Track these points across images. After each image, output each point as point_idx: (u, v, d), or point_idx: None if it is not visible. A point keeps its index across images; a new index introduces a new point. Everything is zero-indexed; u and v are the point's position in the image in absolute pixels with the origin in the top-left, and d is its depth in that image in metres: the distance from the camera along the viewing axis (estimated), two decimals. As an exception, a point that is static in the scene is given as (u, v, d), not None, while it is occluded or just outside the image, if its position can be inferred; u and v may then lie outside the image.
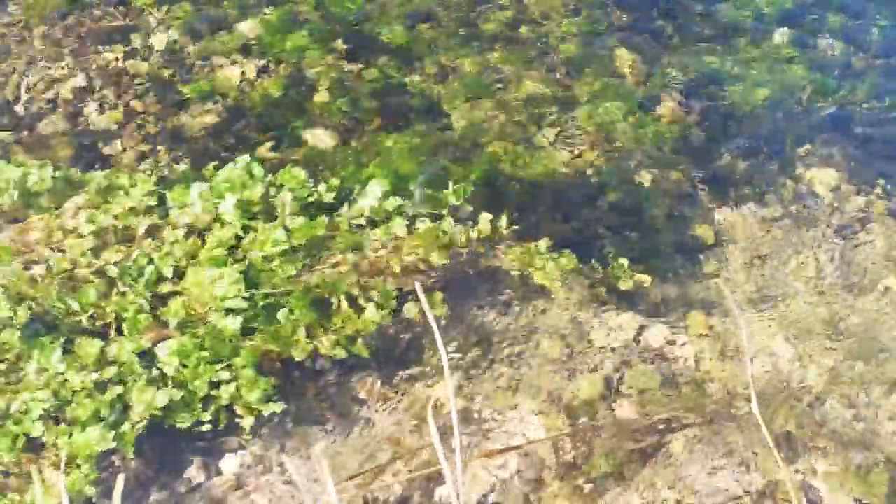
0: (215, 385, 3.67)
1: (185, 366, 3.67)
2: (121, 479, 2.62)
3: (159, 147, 4.70)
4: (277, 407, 3.69)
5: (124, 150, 4.68)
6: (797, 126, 5.19)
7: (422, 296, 2.76)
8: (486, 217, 4.32)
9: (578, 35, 5.49)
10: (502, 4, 5.62)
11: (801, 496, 3.68)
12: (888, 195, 4.85)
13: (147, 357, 3.70)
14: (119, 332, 3.78)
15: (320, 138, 4.79)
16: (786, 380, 4.08)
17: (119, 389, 3.59)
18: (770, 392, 4.03)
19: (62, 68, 5.02)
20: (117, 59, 5.09)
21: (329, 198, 4.28)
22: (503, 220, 4.32)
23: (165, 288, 3.89)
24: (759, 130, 5.15)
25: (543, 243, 4.29)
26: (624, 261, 4.37)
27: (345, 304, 3.92)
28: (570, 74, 5.28)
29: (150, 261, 3.92)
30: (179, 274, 3.93)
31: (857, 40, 5.70)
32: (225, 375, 3.68)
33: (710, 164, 4.95)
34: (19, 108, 4.83)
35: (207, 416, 3.64)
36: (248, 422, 3.67)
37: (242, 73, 5.07)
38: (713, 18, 5.73)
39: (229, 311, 3.79)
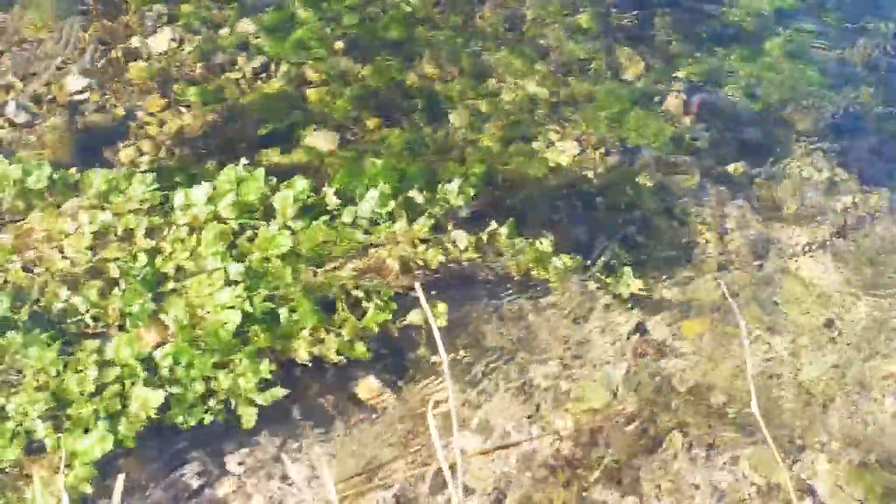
0: (214, 378, 3.67)
1: (183, 364, 3.66)
2: (121, 479, 2.61)
3: (159, 147, 4.69)
4: (279, 392, 3.68)
5: (124, 149, 4.68)
6: (800, 125, 5.19)
7: (421, 296, 2.75)
8: (487, 218, 4.32)
9: (579, 34, 5.49)
10: (502, 4, 5.61)
11: (800, 496, 3.68)
12: (890, 195, 4.85)
13: (147, 357, 3.70)
14: (120, 331, 3.78)
15: (320, 138, 4.78)
16: (786, 379, 4.08)
17: (119, 389, 3.59)
18: (770, 391, 4.03)
19: (62, 67, 5.02)
20: (117, 59, 5.09)
21: (330, 198, 4.27)
22: (504, 222, 4.31)
23: (166, 288, 3.89)
24: (762, 129, 5.15)
25: (544, 243, 4.29)
26: (625, 260, 4.38)
27: (346, 306, 3.92)
28: (570, 74, 5.28)
29: (151, 261, 3.92)
30: (180, 274, 3.92)
31: (859, 39, 5.70)
32: (223, 371, 3.68)
33: (712, 164, 4.95)
34: (19, 107, 4.82)
35: (207, 415, 3.64)
36: (248, 417, 3.66)
37: (242, 73, 5.07)
38: (714, 17, 5.73)
39: (229, 311, 3.78)
